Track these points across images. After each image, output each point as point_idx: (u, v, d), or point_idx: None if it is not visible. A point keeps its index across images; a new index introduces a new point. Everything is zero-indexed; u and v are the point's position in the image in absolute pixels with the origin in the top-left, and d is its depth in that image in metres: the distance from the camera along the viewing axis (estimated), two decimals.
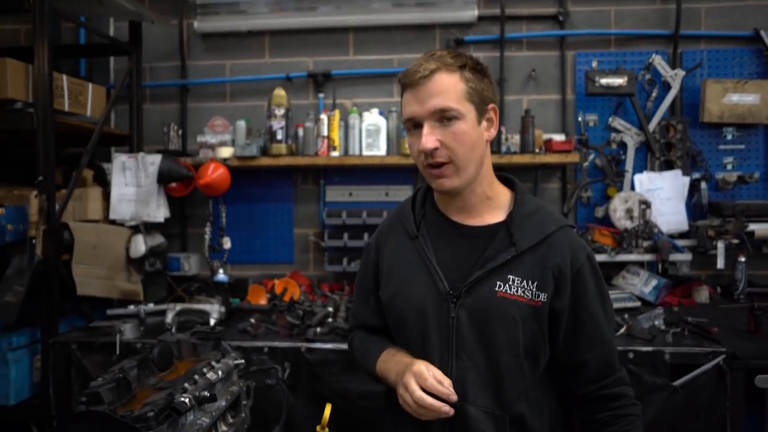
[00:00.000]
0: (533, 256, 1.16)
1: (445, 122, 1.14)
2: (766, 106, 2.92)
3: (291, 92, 3.05)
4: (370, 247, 1.36)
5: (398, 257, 1.26)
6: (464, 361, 1.15)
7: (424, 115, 1.14)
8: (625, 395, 1.21)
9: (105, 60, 3.31)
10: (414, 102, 1.15)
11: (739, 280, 2.78)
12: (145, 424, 1.00)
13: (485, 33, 3.12)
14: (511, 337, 1.14)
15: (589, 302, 1.18)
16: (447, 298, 1.17)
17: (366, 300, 1.36)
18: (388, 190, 3.18)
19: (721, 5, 3.04)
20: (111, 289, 2.67)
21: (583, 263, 1.19)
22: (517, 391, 1.16)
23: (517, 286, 1.15)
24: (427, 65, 1.14)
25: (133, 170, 2.80)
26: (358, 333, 1.41)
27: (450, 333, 1.16)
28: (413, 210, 1.29)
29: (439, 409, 1.08)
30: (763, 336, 2.19)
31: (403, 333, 1.24)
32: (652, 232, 2.78)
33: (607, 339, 1.20)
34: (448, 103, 1.13)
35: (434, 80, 1.13)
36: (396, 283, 1.24)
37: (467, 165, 1.16)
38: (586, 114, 3.07)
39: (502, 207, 1.23)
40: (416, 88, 1.14)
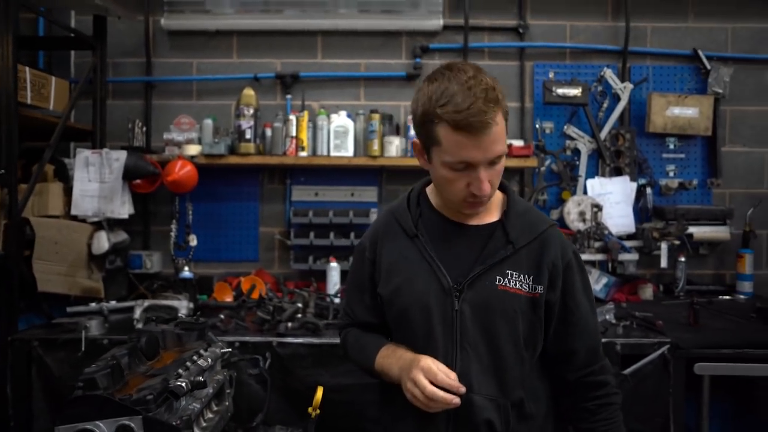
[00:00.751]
0: (528, 252, 1.25)
1: (494, 164, 1.17)
2: (704, 119, 3.18)
3: (259, 93, 3.08)
4: (363, 247, 1.39)
5: (398, 255, 1.30)
6: (468, 353, 1.21)
7: (484, 162, 1.15)
8: (608, 383, 1.30)
9: (66, 53, 3.23)
10: (474, 148, 1.12)
11: (680, 278, 3.01)
12: (144, 407, 1.03)
13: (449, 42, 3.25)
14: (512, 328, 1.22)
15: (577, 294, 1.28)
16: (450, 293, 1.22)
17: (360, 298, 1.39)
18: (353, 191, 3.25)
19: (665, 25, 3.29)
20: (72, 286, 2.61)
21: (571, 258, 1.29)
22: (517, 378, 1.24)
23: (516, 280, 1.22)
24: (487, 110, 1.10)
25: (96, 166, 2.75)
26: (351, 330, 1.43)
27: (454, 326, 1.22)
28: (409, 210, 1.33)
29: (450, 401, 1.15)
30: (701, 328, 2.39)
31: (406, 328, 1.28)
32: (603, 233, 2.97)
33: (593, 328, 1.31)
34: (504, 147, 1.17)
35: (495, 129, 1.12)
36: (397, 280, 1.28)
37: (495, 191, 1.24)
38: (543, 122, 3.24)
39: (496, 207, 1.31)
40: (477, 135, 1.11)
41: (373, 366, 1.31)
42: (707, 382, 2.16)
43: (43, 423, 2.19)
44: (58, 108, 2.73)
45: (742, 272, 3.08)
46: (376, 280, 1.34)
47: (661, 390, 2.19)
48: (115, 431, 1.02)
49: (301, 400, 2.08)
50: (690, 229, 3.05)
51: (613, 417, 1.29)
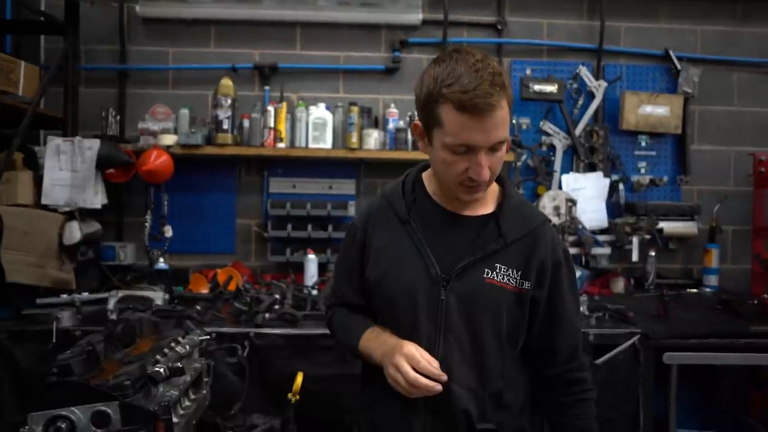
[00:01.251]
0: (519, 247, 1.24)
1: (496, 151, 1.16)
2: (674, 117, 3.27)
3: (237, 83, 3.04)
4: (355, 228, 1.38)
5: (388, 240, 1.30)
6: (450, 342, 1.22)
7: (485, 146, 1.14)
8: (585, 380, 1.32)
9: (35, 38, 3.14)
10: (477, 130, 1.11)
11: (650, 272, 3.10)
12: (121, 393, 1.01)
13: (429, 36, 3.26)
14: (496, 322, 1.22)
15: (564, 292, 1.28)
16: (438, 282, 1.22)
17: (348, 279, 1.39)
18: (332, 183, 3.24)
19: (638, 26, 3.37)
20: (42, 278, 2.54)
21: (561, 256, 1.29)
22: (497, 371, 1.25)
23: (504, 274, 1.22)
24: (493, 92, 1.09)
25: (68, 154, 2.68)
26: (338, 310, 1.43)
27: (438, 315, 1.22)
28: (404, 195, 1.32)
29: (432, 388, 1.15)
30: (670, 319, 2.47)
31: (392, 313, 1.28)
32: (577, 227, 3.03)
33: (575, 327, 1.32)
34: (506, 133, 1.15)
35: (499, 112, 1.11)
36: (386, 265, 1.28)
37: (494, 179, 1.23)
38: (520, 117, 3.29)
39: (491, 199, 1.30)
40: (480, 118, 1.10)
41: (357, 348, 1.32)
42: (675, 371, 2.23)
43: (9, 416, 2.12)
44: (27, 94, 2.65)
45: (709, 266, 3.19)
46: (365, 263, 1.33)
47: (632, 378, 2.25)
48: (91, 417, 1.00)
49: (278, 390, 2.08)
50: (660, 225, 3.13)
51: (586, 411, 1.31)
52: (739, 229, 3.36)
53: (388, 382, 1.20)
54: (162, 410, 1.05)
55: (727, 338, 2.31)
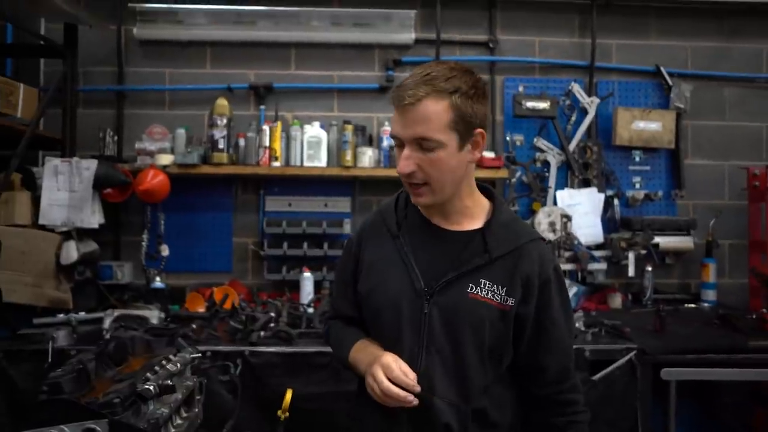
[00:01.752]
0: (504, 263, 1.24)
1: (425, 149, 1.17)
2: (667, 132, 3.30)
3: (232, 103, 3.08)
4: (351, 242, 1.41)
5: (379, 254, 1.32)
6: (432, 356, 1.22)
7: (406, 139, 1.18)
8: (577, 402, 1.29)
9: (35, 61, 3.19)
10: (399, 123, 1.18)
11: (647, 287, 3.10)
12: (111, 410, 1.02)
13: (422, 55, 3.31)
14: (478, 336, 1.22)
15: (554, 311, 1.26)
16: (421, 295, 1.23)
17: (344, 292, 1.41)
18: (327, 201, 3.26)
19: (629, 43, 3.42)
20: (39, 297, 2.55)
21: (550, 275, 1.26)
22: (479, 386, 1.24)
23: (488, 290, 1.22)
24: (416, 90, 1.15)
25: (66, 175, 2.71)
26: (334, 323, 1.45)
27: (421, 328, 1.23)
28: (396, 211, 1.35)
29: (404, 398, 1.16)
30: (667, 335, 2.46)
31: (378, 326, 1.30)
32: (573, 243, 3.03)
33: (566, 346, 1.29)
34: (428, 133, 1.15)
35: (420, 107, 1.15)
36: (374, 279, 1.31)
37: (443, 187, 1.21)
38: (514, 134, 3.32)
39: (481, 215, 1.30)
40: (403, 111, 1.17)
41: (347, 359, 1.33)
42: (674, 387, 2.22)
43: None
44: (26, 116, 2.69)
45: (706, 281, 3.19)
46: (357, 277, 1.36)
47: (629, 394, 2.24)
48: None
49: (272, 408, 2.06)
50: (656, 239, 3.14)
51: None
52: (736, 243, 3.37)
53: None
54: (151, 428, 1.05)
55: (725, 353, 2.31)
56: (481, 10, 3.35)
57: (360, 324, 1.39)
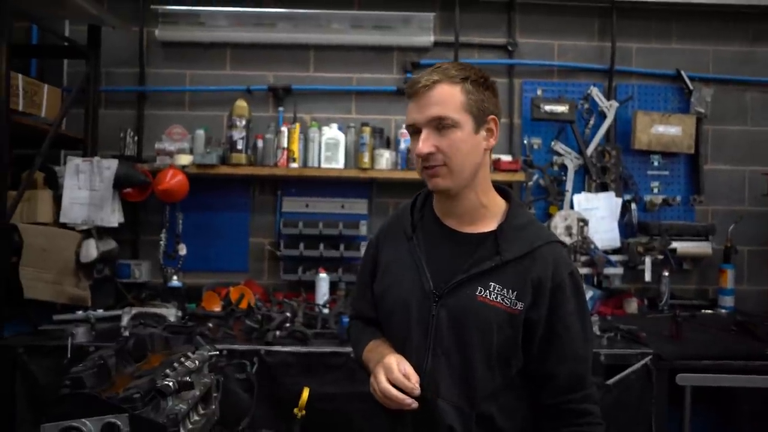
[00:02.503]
0: (516, 267, 1.22)
1: (443, 130, 1.20)
2: (687, 137, 3.26)
3: (251, 104, 3.11)
4: (371, 244, 1.44)
5: (394, 255, 1.34)
6: (439, 357, 1.22)
7: (422, 122, 1.21)
8: (590, 413, 1.22)
9: (59, 62, 3.25)
10: (415, 110, 1.22)
11: (663, 292, 3.06)
12: (131, 405, 1.04)
13: (440, 57, 3.31)
14: (486, 340, 1.20)
15: (567, 316, 1.22)
16: (430, 297, 1.23)
17: (363, 293, 1.43)
18: (344, 203, 3.27)
19: (650, 46, 3.39)
20: (59, 294, 2.60)
21: (564, 279, 1.23)
22: (486, 391, 1.22)
23: (497, 293, 1.20)
24: (429, 77, 1.21)
25: (87, 174, 2.76)
26: (355, 323, 1.48)
27: (429, 329, 1.22)
28: (412, 213, 1.36)
29: (402, 401, 1.16)
30: (683, 341, 2.43)
31: (389, 326, 1.32)
32: (589, 247, 3.01)
33: (581, 355, 1.23)
34: (445, 112, 1.19)
35: (435, 91, 1.20)
36: (388, 280, 1.32)
37: (462, 169, 1.22)
38: (531, 137, 3.30)
39: (495, 217, 1.29)
40: (418, 98, 1.21)
41: (361, 358, 1.35)
42: (689, 393, 2.19)
43: (26, 430, 2.17)
44: (50, 116, 2.74)
45: (724, 287, 3.15)
46: (375, 277, 1.38)
47: (644, 400, 2.22)
48: (102, 429, 1.02)
49: (287, 407, 2.09)
50: (673, 245, 3.11)
51: None
52: (755, 250, 3.32)
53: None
54: (170, 423, 1.07)
55: (743, 360, 2.27)
56: (500, 13, 3.35)
57: (378, 325, 1.40)
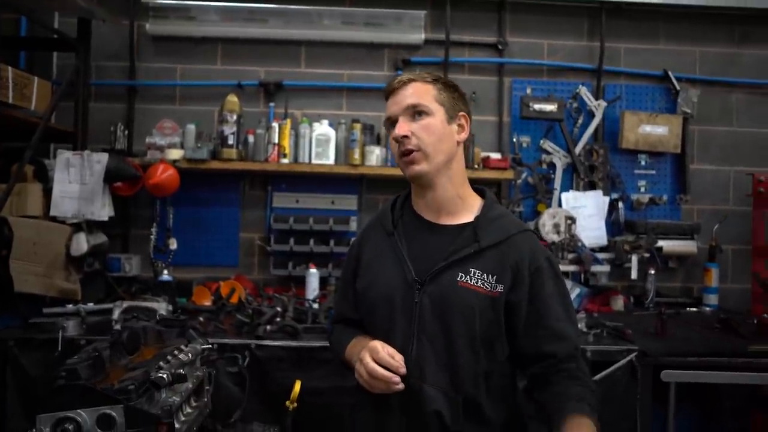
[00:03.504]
0: (494, 253, 1.29)
1: (417, 117, 1.30)
2: (674, 137, 3.31)
3: (242, 100, 3.11)
4: (353, 245, 1.50)
5: (376, 252, 1.39)
6: (424, 343, 1.26)
7: (399, 112, 1.31)
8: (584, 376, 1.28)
9: (48, 54, 3.23)
10: (392, 104, 1.33)
11: (649, 290, 3.11)
12: (126, 397, 1.05)
13: (431, 55, 3.34)
14: (468, 324, 1.26)
15: (548, 298, 1.29)
16: (413, 286, 1.29)
17: (345, 293, 1.47)
18: (334, 199, 3.29)
19: (638, 47, 3.43)
20: (49, 288, 2.59)
21: (542, 263, 1.30)
22: (470, 375, 1.26)
23: (477, 278, 1.27)
24: (405, 76, 1.35)
25: (77, 167, 2.75)
26: (336, 327, 1.52)
27: (413, 317, 1.27)
28: (392, 211, 1.42)
29: (389, 379, 1.19)
30: (668, 337, 2.48)
31: (372, 319, 1.36)
32: (576, 245, 3.05)
33: (568, 334, 1.29)
34: (419, 100, 1.30)
35: (409, 86, 1.32)
36: (371, 275, 1.37)
37: (436, 154, 1.30)
38: (520, 135, 3.34)
39: (472, 210, 1.36)
40: (394, 93, 1.33)
41: (344, 357, 1.39)
42: (673, 389, 2.24)
43: (16, 423, 2.16)
44: (40, 109, 2.72)
45: (709, 285, 3.20)
46: (357, 276, 1.42)
47: (629, 396, 2.26)
48: (97, 420, 1.04)
49: (278, 401, 2.11)
50: (659, 243, 3.16)
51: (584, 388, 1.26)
52: (739, 249, 3.38)
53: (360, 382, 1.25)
54: (164, 414, 1.08)
55: (726, 357, 2.32)
56: (490, 12, 3.37)
57: (360, 325, 1.43)
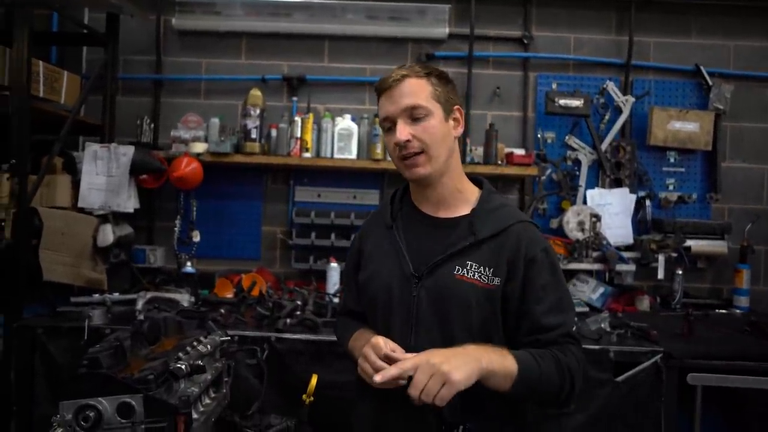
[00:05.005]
0: (491, 245, 1.29)
1: (416, 119, 1.28)
2: (704, 134, 3.22)
3: (265, 94, 3.12)
4: (355, 239, 1.52)
5: (376, 245, 1.41)
6: (422, 336, 1.28)
7: (397, 113, 1.29)
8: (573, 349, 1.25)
9: (78, 49, 3.30)
10: (388, 103, 1.30)
11: (676, 290, 3.03)
12: (145, 386, 1.07)
13: (455, 50, 3.30)
14: (465, 316, 1.27)
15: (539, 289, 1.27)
16: (410, 279, 1.30)
17: (350, 287, 1.51)
18: (356, 194, 3.29)
19: (668, 41, 3.34)
20: (76, 277, 2.65)
21: (537, 254, 1.29)
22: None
23: (474, 271, 1.27)
24: (398, 72, 1.31)
25: (104, 160, 2.80)
26: (341, 318, 1.56)
27: (411, 310, 1.29)
28: (392, 205, 1.44)
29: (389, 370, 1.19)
30: (695, 340, 2.42)
31: (373, 312, 1.38)
32: (601, 243, 3.00)
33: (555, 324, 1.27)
34: (418, 101, 1.28)
35: (405, 83, 1.29)
36: (371, 268, 1.40)
37: (438, 154, 1.30)
38: (545, 131, 3.29)
39: (470, 202, 1.37)
40: (390, 92, 1.30)
41: (347, 348, 1.41)
42: (700, 393, 2.18)
43: (44, 408, 2.22)
44: (69, 102, 2.78)
45: (739, 287, 3.11)
46: (359, 269, 1.44)
47: (653, 398, 2.21)
48: (117, 408, 1.05)
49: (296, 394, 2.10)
50: (688, 243, 3.08)
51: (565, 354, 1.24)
52: None
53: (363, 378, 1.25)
54: (182, 404, 1.09)
55: (755, 361, 2.25)
56: (516, 6, 3.32)
57: (364, 318, 1.45)
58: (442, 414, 1.23)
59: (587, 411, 2.18)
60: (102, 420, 1.05)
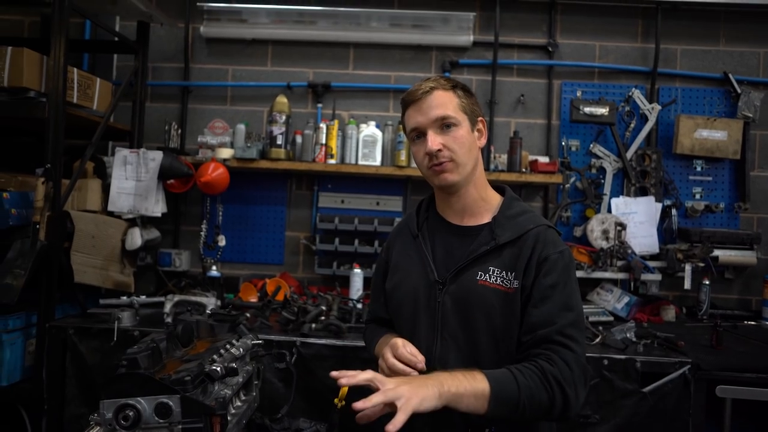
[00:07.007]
0: (511, 250, 1.32)
1: (446, 129, 1.33)
2: (732, 142, 3.17)
3: (291, 100, 3.17)
4: (384, 249, 1.57)
5: (402, 254, 1.46)
6: (447, 341, 1.31)
7: (427, 124, 1.33)
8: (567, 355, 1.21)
9: (109, 56, 3.37)
10: (418, 114, 1.34)
11: (703, 301, 2.99)
12: (182, 387, 1.09)
13: (479, 58, 3.31)
14: (490, 321, 1.29)
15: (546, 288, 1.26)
16: (435, 285, 1.34)
17: (377, 295, 1.56)
18: (379, 200, 3.30)
19: (695, 48, 3.31)
20: (105, 279, 2.71)
21: (550, 254, 1.29)
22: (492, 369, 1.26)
23: (497, 276, 1.30)
24: (426, 84, 1.35)
25: (134, 165, 2.86)
26: (370, 325, 1.60)
27: (436, 316, 1.33)
28: (417, 215, 1.49)
29: (407, 374, 1.24)
30: (724, 351, 2.37)
31: (399, 318, 1.43)
32: (626, 252, 2.97)
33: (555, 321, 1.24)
34: (447, 112, 1.33)
35: (434, 95, 1.33)
36: (398, 276, 1.45)
37: (465, 163, 1.34)
38: (570, 139, 3.27)
39: (492, 209, 1.40)
40: (419, 103, 1.34)
41: (375, 353, 1.45)
42: (729, 405, 2.14)
43: (74, 408, 2.27)
44: (101, 108, 2.84)
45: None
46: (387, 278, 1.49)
47: (681, 410, 2.18)
48: (155, 408, 1.07)
49: (322, 399, 2.14)
50: (715, 252, 3.03)
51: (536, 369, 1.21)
52: None
53: None
54: (219, 406, 1.11)
55: None
56: (541, 14, 3.32)
57: (391, 325, 1.50)
58: (469, 416, 1.24)
59: (613, 420, 2.17)
60: (141, 419, 1.07)
